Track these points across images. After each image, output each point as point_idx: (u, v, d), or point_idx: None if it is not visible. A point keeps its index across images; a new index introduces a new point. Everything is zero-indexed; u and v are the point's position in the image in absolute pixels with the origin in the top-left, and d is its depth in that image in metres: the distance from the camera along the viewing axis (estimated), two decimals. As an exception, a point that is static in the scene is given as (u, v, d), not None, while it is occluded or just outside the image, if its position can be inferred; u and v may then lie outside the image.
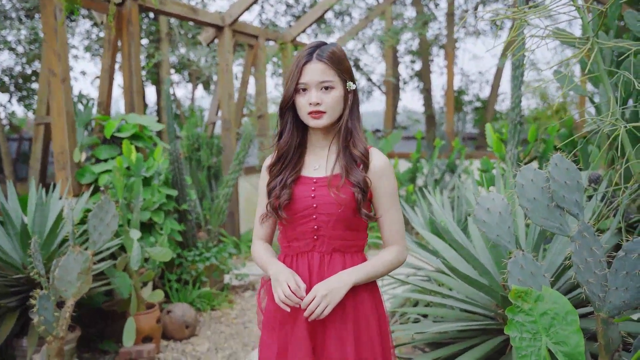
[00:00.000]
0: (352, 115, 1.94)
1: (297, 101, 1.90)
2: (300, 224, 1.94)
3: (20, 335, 3.57)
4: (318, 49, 1.89)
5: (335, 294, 1.82)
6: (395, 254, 1.97)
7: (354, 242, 1.96)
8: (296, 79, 1.87)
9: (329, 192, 1.88)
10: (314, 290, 1.82)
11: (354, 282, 1.86)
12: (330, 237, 1.91)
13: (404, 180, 7.94)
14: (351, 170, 1.89)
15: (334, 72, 1.87)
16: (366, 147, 1.93)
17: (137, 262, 3.68)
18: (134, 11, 5.34)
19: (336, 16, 16.51)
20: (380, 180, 1.92)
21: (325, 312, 1.80)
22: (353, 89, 1.95)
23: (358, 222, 1.93)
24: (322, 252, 1.93)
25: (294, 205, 1.93)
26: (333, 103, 1.88)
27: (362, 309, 1.93)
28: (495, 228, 2.13)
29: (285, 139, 1.96)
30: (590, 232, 2.00)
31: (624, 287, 1.93)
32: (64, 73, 4.47)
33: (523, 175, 2.03)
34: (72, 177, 4.43)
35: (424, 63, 12.46)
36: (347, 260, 1.94)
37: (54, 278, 3.00)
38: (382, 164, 1.93)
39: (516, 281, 2.07)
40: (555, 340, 1.87)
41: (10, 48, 11.69)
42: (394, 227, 1.97)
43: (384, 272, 1.95)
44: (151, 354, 3.95)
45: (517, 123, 3.69)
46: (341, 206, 1.86)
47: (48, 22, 4.45)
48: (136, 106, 5.33)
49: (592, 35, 2.64)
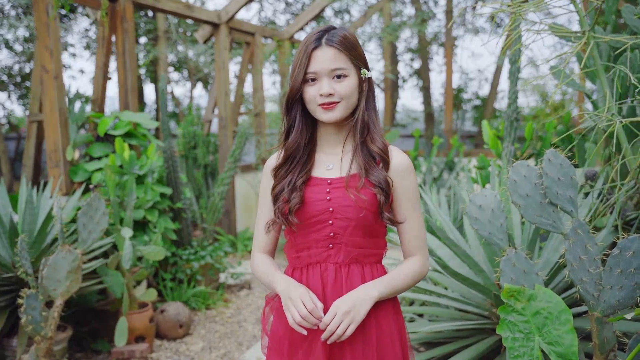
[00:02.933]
0: (368, 106, 1.72)
1: (305, 93, 1.67)
2: (313, 231, 1.70)
3: (11, 335, 3.53)
4: (327, 33, 1.67)
5: (358, 311, 1.58)
6: (419, 266, 1.74)
7: (373, 251, 1.74)
8: (304, 68, 1.64)
9: (346, 194, 1.66)
10: (334, 308, 1.58)
11: (378, 296, 1.63)
12: (348, 245, 1.69)
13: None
14: (371, 169, 1.67)
15: (346, 58, 1.65)
16: (386, 143, 1.72)
17: (128, 261, 3.63)
18: (129, 8, 5.29)
19: (336, 14, 16.48)
20: (402, 181, 1.71)
21: (348, 333, 1.57)
22: (368, 77, 1.72)
23: (378, 228, 1.72)
24: (337, 262, 1.69)
25: (307, 210, 1.69)
26: (347, 93, 1.65)
27: (385, 326, 1.71)
28: (487, 225, 2.09)
29: (294, 137, 1.73)
30: (585, 230, 1.95)
31: (619, 285, 1.88)
32: (57, 70, 4.42)
33: (516, 171, 1.99)
34: (65, 175, 4.38)
35: (423, 61, 12.40)
36: (367, 272, 1.71)
37: (43, 277, 2.96)
38: (404, 162, 1.72)
39: (509, 280, 2.02)
40: (548, 340, 1.83)
41: (8, 46, 11.66)
42: (416, 234, 1.75)
43: (408, 285, 1.73)
44: (144, 353, 3.90)
45: (514, 120, 3.64)
46: (362, 209, 1.65)
47: (40, 18, 4.40)
48: (131, 104, 5.29)
49: (587, 29, 2.59)
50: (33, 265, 3.33)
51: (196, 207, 5.98)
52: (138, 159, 4.51)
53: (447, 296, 2.92)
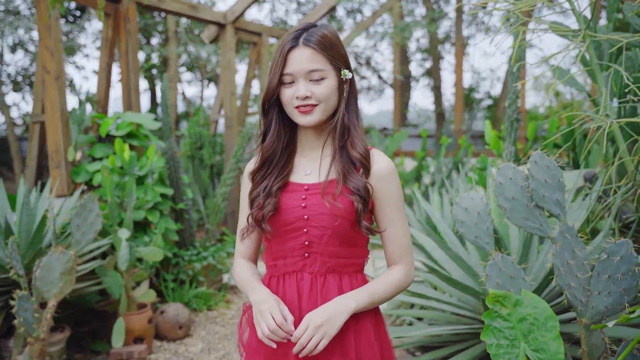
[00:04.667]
0: (348, 109, 1.65)
1: (282, 95, 1.61)
2: (288, 239, 1.64)
3: (8, 335, 3.54)
4: (305, 32, 1.59)
5: (332, 325, 1.51)
6: (402, 275, 1.66)
7: (352, 261, 1.66)
8: (280, 69, 1.58)
9: (322, 201, 1.59)
10: (307, 320, 1.52)
11: (355, 308, 1.56)
12: (324, 255, 1.62)
13: (409, 179, 7.84)
14: (349, 175, 1.60)
15: (324, 58, 1.58)
16: (367, 148, 1.64)
17: (125, 262, 3.63)
18: (132, 9, 5.29)
19: (348, 14, 16.44)
20: (384, 187, 1.63)
21: (320, 347, 1.49)
22: (349, 78, 1.65)
23: (357, 236, 1.63)
24: (313, 272, 1.63)
25: (281, 217, 1.63)
26: (325, 95, 1.58)
27: (365, 340, 1.63)
28: (473, 228, 2.04)
29: (270, 140, 1.67)
30: (573, 233, 1.90)
31: (606, 291, 1.83)
32: (58, 71, 4.43)
33: (502, 174, 1.94)
34: (67, 176, 4.40)
35: (434, 60, 12.33)
36: (345, 282, 1.64)
37: (36, 278, 2.96)
38: (386, 167, 1.64)
39: (494, 284, 1.98)
40: (534, 347, 1.78)
41: (23, 47, 11.78)
42: (400, 242, 1.66)
43: (390, 295, 1.65)
44: (142, 354, 3.90)
45: (514, 120, 3.58)
46: (338, 218, 1.58)
47: (42, 19, 4.42)
48: (134, 104, 5.29)
49: (584, 27, 2.53)
50: (29, 266, 3.34)
51: (202, 208, 5.98)
52: (138, 160, 4.51)
53: (439, 300, 2.87)
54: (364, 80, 17.16)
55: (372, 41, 15.31)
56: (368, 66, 16.50)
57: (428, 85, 13.80)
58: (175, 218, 5.08)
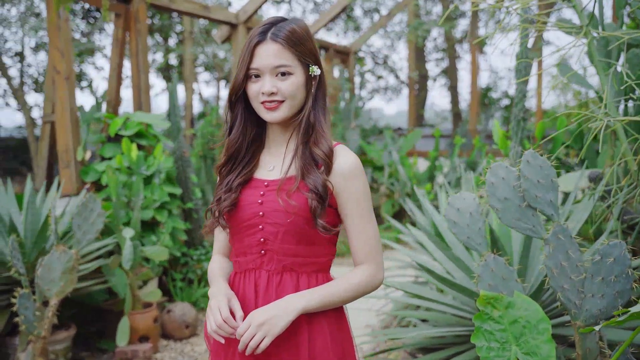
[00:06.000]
0: (315, 105, 1.62)
1: (248, 90, 1.58)
2: (245, 236, 1.62)
3: (13, 333, 3.58)
4: (274, 26, 1.56)
5: (274, 323, 1.48)
6: (365, 276, 1.60)
7: (312, 260, 1.61)
8: (247, 64, 1.55)
9: (277, 198, 1.57)
10: (249, 318, 1.50)
11: (303, 308, 1.52)
12: (279, 253, 1.59)
13: (422, 179, 7.78)
14: (308, 172, 1.56)
15: (292, 54, 1.55)
16: (330, 146, 1.59)
17: (128, 262, 3.64)
18: (142, 9, 5.33)
19: (365, 14, 16.40)
20: (346, 184, 1.57)
21: (262, 346, 1.47)
22: (317, 74, 1.61)
23: (317, 234, 1.58)
24: (270, 270, 1.60)
25: (239, 213, 1.62)
26: (291, 91, 1.55)
27: (320, 343, 1.58)
28: (466, 229, 2.00)
29: (235, 135, 1.64)
30: (567, 235, 1.86)
31: (600, 294, 1.79)
32: (68, 71, 4.48)
33: (494, 173, 1.91)
34: (75, 175, 4.44)
35: (450, 60, 12.23)
36: (302, 281, 1.60)
37: (37, 277, 2.98)
38: (348, 163, 1.58)
39: (486, 286, 1.94)
40: (525, 350, 1.75)
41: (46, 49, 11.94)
42: (364, 242, 1.60)
43: (348, 297, 1.59)
44: (147, 353, 3.91)
45: (520, 119, 3.52)
46: (290, 215, 1.54)
47: (52, 20, 4.46)
48: (144, 104, 5.32)
49: (585, 24, 2.48)
50: (34, 265, 3.37)
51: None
52: (146, 160, 4.53)
53: (437, 301, 2.83)
54: (381, 80, 17.12)
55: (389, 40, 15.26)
56: (385, 66, 16.45)
57: (445, 85, 13.70)
58: (184, 217, 5.09)
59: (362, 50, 15.51)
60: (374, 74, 16.40)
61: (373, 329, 4.39)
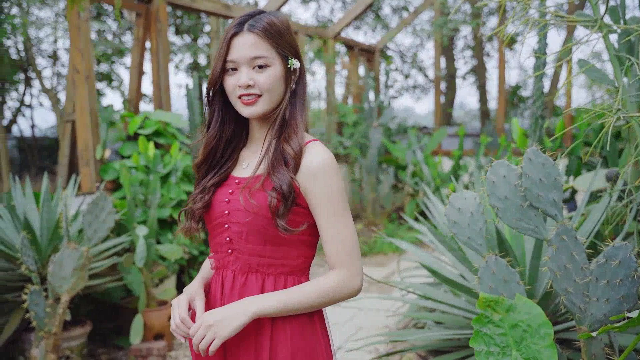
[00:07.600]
0: (293, 101, 1.56)
1: (225, 83, 1.53)
2: (215, 234, 1.59)
3: (30, 329, 3.62)
4: (252, 18, 1.50)
5: (224, 326, 1.41)
6: (336, 282, 1.50)
7: (280, 262, 1.54)
8: (223, 56, 1.50)
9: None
10: (200, 319, 1.45)
11: (258, 312, 1.44)
12: (244, 253, 1.53)
13: (446, 179, 7.67)
14: (275, 170, 1.48)
15: (269, 46, 1.49)
16: (301, 143, 1.52)
17: (141, 260, 3.66)
18: (162, 8, 5.36)
19: (394, 12, 16.28)
20: (315, 183, 1.49)
21: (212, 348, 1.41)
22: (297, 67, 1.55)
23: (286, 235, 1.50)
24: (235, 270, 1.56)
25: (210, 212, 1.59)
26: (269, 84, 1.49)
27: (282, 353, 1.50)
28: (466, 229, 1.93)
29: (212, 131, 1.59)
30: (571, 236, 1.78)
31: (605, 298, 1.70)
32: (88, 70, 4.52)
33: (494, 172, 1.84)
34: (95, 173, 4.48)
35: (479, 58, 12.04)
36: (268, 283, 1.53)
37: (49, 274, 3.01)
38: (317, 161, 1.49)
39: (487, 288, 1.88)
40: (526, 355, 1.68)
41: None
42: (336, 245, 1.50)
43: (313, 304, 1.49)
44: (162, 351, 3.92)
45: (539, 117, 3.42)
46: (250, 214, 1.48)
47: (72, 20, 4.52)
48: (164, 103, 5.36)
49: (599, 17, 2.39)
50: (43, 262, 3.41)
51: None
52: (163, 158, 4.55)
53: (446, 303, 2.76)
54: (409, 78, 16.97)
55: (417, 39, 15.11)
56: (413, 64, 16.30)
57: (474, 84, 13.50)
58: (203, 216, 5.11)
59: (390, 49, 15.40)
60: (401, 72, 16.27)
61: (390, 330, 4.34)
